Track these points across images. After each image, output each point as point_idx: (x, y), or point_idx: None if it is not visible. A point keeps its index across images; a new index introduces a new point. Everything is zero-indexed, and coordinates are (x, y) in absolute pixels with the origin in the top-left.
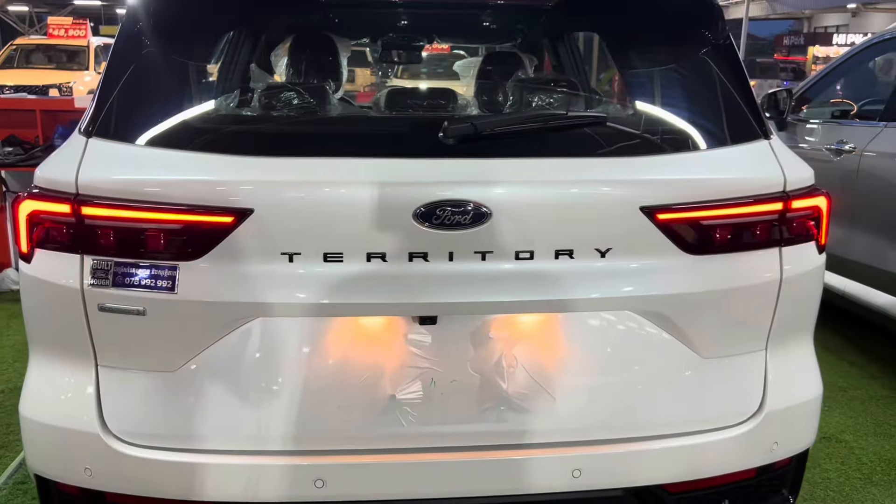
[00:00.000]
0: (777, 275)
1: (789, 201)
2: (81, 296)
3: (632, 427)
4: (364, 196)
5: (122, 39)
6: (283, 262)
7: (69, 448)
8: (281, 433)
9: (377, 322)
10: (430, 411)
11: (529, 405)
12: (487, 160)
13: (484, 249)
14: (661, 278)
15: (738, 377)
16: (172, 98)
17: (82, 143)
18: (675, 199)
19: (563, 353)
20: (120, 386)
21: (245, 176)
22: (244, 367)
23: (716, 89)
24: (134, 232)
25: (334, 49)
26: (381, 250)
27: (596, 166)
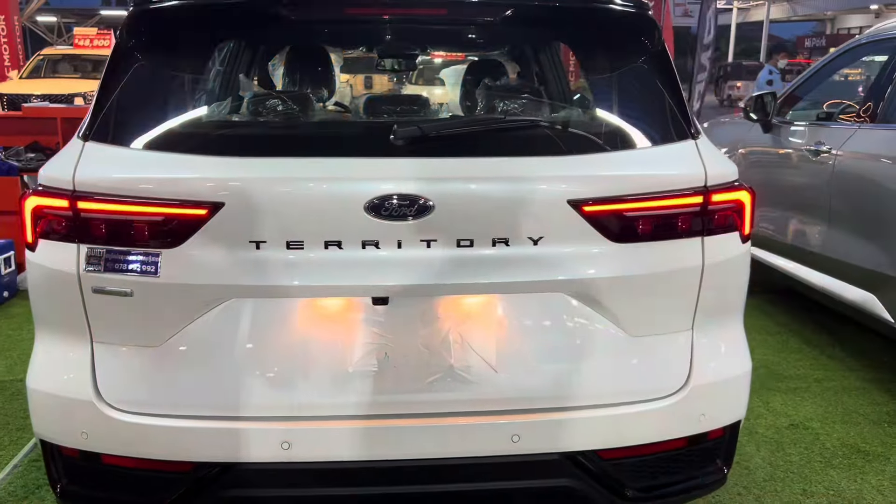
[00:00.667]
0: (699, 262)
1: (709, 195)
2: (78, 280)
3: (565, 398)
4: (321, 190)
5: (116, 53)
6: (252, 249)
7: (68, 414)
8: (251, 401)
9: (335, 303)
10: (383, 382)
11: (472, 377)
12: (432, 159)
13: (428, 238)
14: (589, 264)
15: (665, 354)
16: (159, 106)
17: (80, 147)
18: (599, 193)
19: (502, 330)
20: (112, 359)
21: (217, 174)
22: (219, 342)
23: (649, 94)
24: (122, 223)
25: (327, 59)
26: (337, 238)
27: (528, 164)
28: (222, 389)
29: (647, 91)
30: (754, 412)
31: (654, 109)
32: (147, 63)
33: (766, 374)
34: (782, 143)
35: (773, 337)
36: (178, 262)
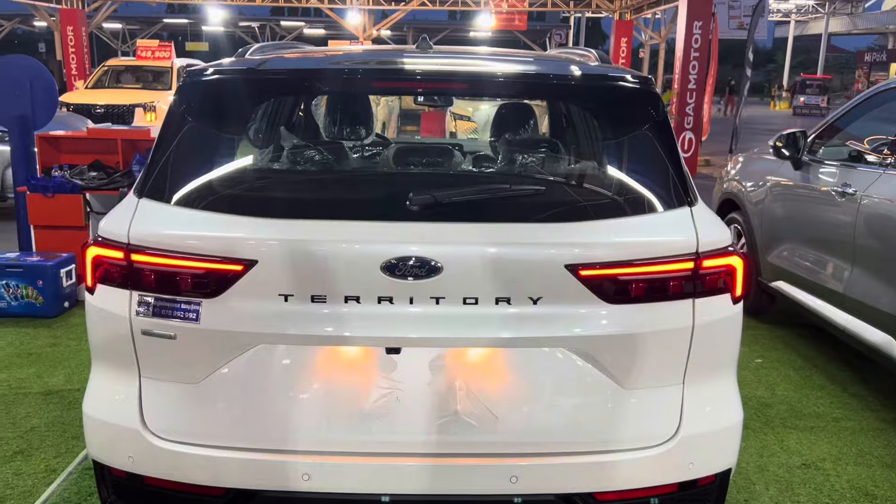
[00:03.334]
0: (689, 322)
1: (701, 260)
2: (129, 322)
3: (561, 443)
4: (343, 251)
5: (169, 117)
6: (280, 301)
7: (117, 439)
8: (276, 435)
9: (353, 351)
10: (395, 423)
11: (476, 421)
12: (442, 224)
13: (437, 296)
14: (585, 323)
15: (656, 405)
16: (206, 166)
17: (135, 203)
18: (594, 259)
19: (503, 380)
20: (156, 393)
21: (252, 234)
22: (249, 382)
23: (649, 162)
24: (169, 274)
25: (366, 102)
26: (356, 294)
27: (529, 230)
28: (251, 424)
29: (647, 160)
30: (768, 450)
31: (654, 178)
32: (196, 126)
33: (786, 411)
34: (811, 181)
35: (796, 372)
36: (216, 310)
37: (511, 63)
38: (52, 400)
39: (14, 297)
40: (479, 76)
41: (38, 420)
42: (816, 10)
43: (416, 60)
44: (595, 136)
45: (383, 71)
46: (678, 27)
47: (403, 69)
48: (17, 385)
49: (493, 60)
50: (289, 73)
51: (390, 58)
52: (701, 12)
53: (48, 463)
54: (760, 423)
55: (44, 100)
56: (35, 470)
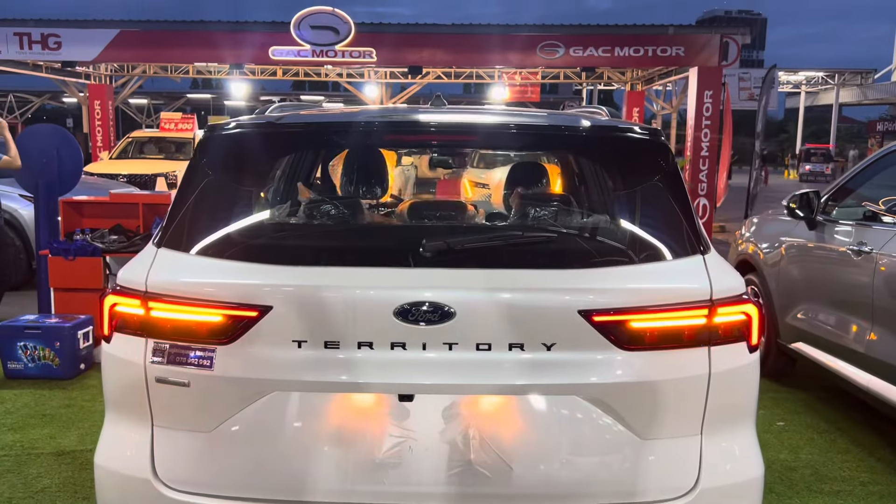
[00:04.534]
0: (706, 370)
1: (715, 308)
2: (144, 370)
3: (578, 496)
4: (355, 297)
5: (189, 171)
6: (294, 348)
7: (128, 490)
8: (288, 485)
9: (366, 398)
10: (407, 473)
11: (489, 472)
12: (455, 270)
13: (450, 341)
14: (599, 370)
15: (674, 457)
16: (223, 217)
17: (153, 253)
18: (607, 305)
19: (518, 429)
20: (169, 442)
21: (267, 280)
22: (261, 430)
23: (661, 212)
24: (185, 321)
25: (381, 159)
26: (369, 340)
27: (542, 276)
28: (262, 473)
29: (659, 209)
30: None
31: (666, 226)
32: (215, 179)
33: (811, 475)
34: (826, 241)
35: (820, 436)
36: (230, 357)
37: (523, 116)
38: (65, 461)
39: (31, 359)
40: (492, 127)
41: (49, 481)
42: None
43: (430, 115)
44: (606, 186)
45: (399, 123)
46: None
47: (419, 120)
48: (29, 446)
49: (505, 114)
50: (306, 125)
51: (406, 112)
52: (711, 82)
53: None
54: (784, 486)
55: (69, 167)
56: None
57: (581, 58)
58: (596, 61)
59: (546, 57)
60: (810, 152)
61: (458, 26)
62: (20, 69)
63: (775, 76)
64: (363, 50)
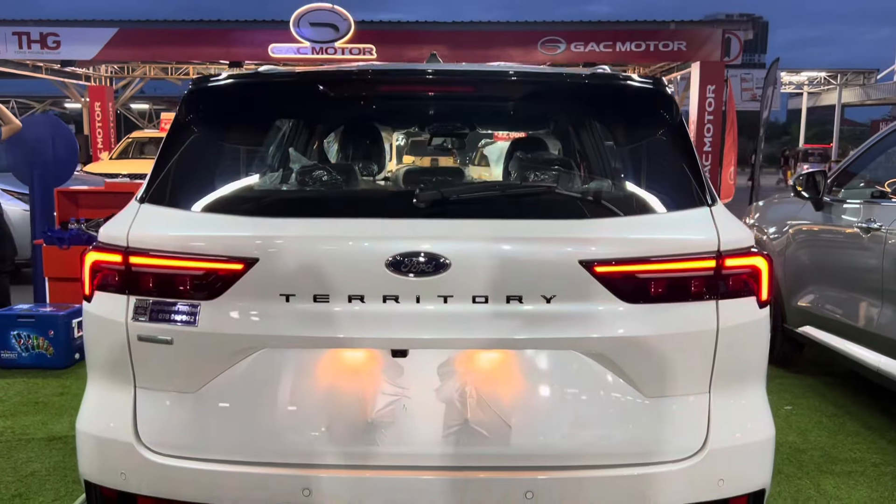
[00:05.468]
0: (714, 325)
1: (723, 259)
2: (126, 328)
3: (579, 456)
4: (345, 248)
5: (175, 126)
6: (281, 302)
7: (109, 455)
8: (276, 447)
9: (358, 354)
10: (401, 434)
11: (487, 431)
12: (450, 220)
13: (445, 294)
14: (601, 323)
15: (681, 416)
16: (210, 173)
17: (136, 208)
18: (610, 255)
19: (517, 386)
20: (151, 404)
21: (253, 231)
22: (249, 391)
23: (665, 163)
24: (168, 276)
25: (378, 136)
26: (360, 293)
27: (542, 226)
28: (249, 435)
29: (664, 161)
30: (804, 494)
31: (670, 178)
32: (201, 135)
33: (821, 456)
34: (833, 220)
35: (829, 419)
36: (215, 313)
37: (524, 67)
38: (56, 446)
39: (25, 348)
40: (492, 76)
41: (39, 465)
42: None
43: (426, 67)
44: (609, 138)
45: (393, 73)
46: (691, 91)
47: (414, 70)
48: (21, 432)
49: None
50: (294, 77)
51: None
52: (714, 77)
53: None
54: (794, 468)
55: (65, 156)
56: None
57: (582, 53)
58: (597, 57)
59: (547, 53)
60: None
61: (458, 23)
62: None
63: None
64: (363, 47)
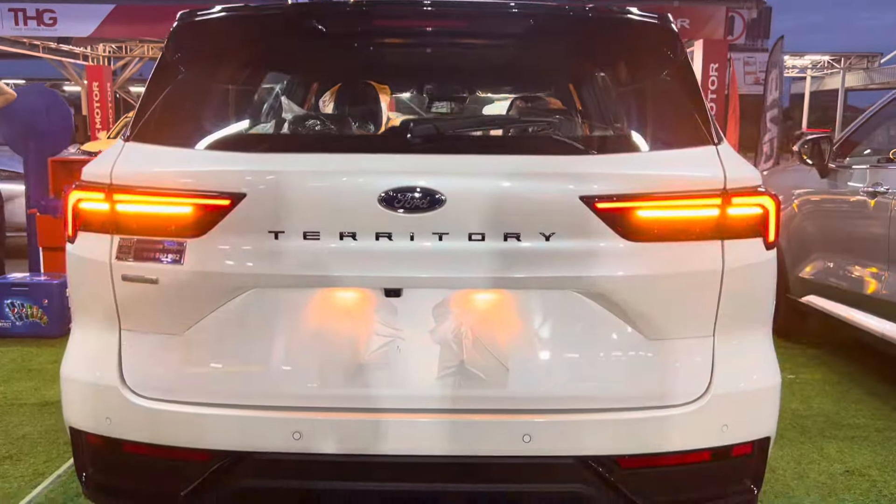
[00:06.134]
0: (719, 266)
1: (728, 198)
2: (110, 268)
3: (578, 399)
4: (336, 183)
5: (161, 64)
6: (270, 239)
7: (94, 400)
8: (266, 390)
9: (350, 294)
10: (394, 376)
11: (484, 374)
12: (446, 156)
13: (440, 231)
14: (602, 262)
15: (684, 359)
16: (196, 112)
17: (120, 147)
18: (611, 191)
19: (514, 327)
20: (137, 346)
21: (240, 166)
22: (237, 332)
23: (669, 102)
24: (152, 214)
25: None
26: (352, 230)
27: (541, 161)
28: (237, 378)
29: (667, 99)
30: (807, 458)
31: (675, 116)
32: (189, 73)
33: (824, 422)
34: (839, 186)
35: (833, 387)
36: (202, 251)
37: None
38: (48, 410)
39: (19, 317)
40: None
41: (30, 428)
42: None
43: None
44: (612, 75)
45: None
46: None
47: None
48: (13, 397)
49: None
50: (285, 9)
51: None
52: (717, 55)
53: (37, 467)
54: (796, 433)
55: (59, 127)
56: (22, 473)
57: None
58: None
59: None
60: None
61: None
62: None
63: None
64: None
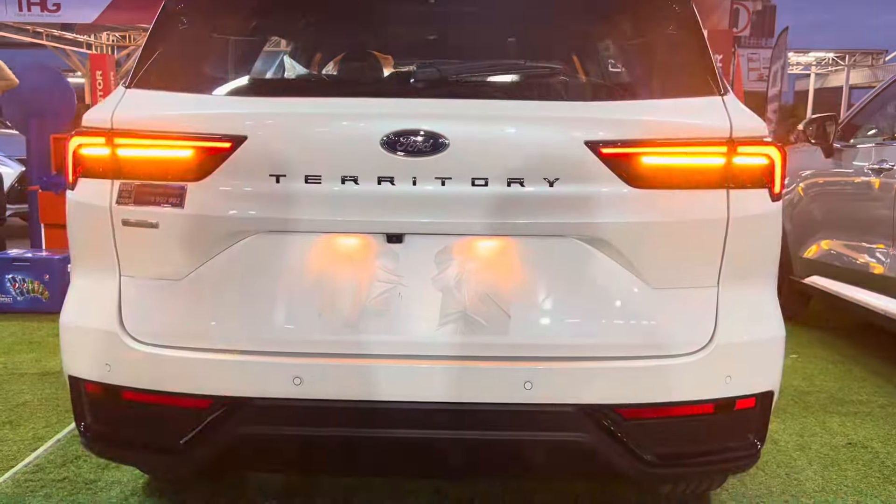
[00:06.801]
0: (724, 214)
1: (734, 146)
2: (110, 213)
3: (581, 347)
4: (338, 126)
5: (162, 13)
6: (271, 182)
7: (93, 346)
8: (266, 335)
9: (351, 240)
10: (396, 322)
11: (485, 321)
12: (450, 100)
13: (443, 176)
14: (606, 208)
15: (688, 309)
16: (198, 60)
17: (121, 93)
18: (616, 136)
19: (517, 274)
20: (136, 292)
21: (241, 109)
22: (238, 277)
23: (675, 52)
24: (153, 157)
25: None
26: (354, 174)
27: (546, 106)
28: (238, 323)
29: (673, 50)
30: (808, 430)
31: (680, 66)
32: (191, 24)
33: (827, 398)
34: (843, 165)
35: (835, 366)
36: (202, 194)
37: None
38: (49, 380)
39: (20, 292)
40: None
41: (30, 396)
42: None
43: None
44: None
45: None
46: None
47: None
48: (13, 367)
49: None
50: None
51: None
52: (721, 46)
53: (36, 432)
54: (799, 408)
55: (61, 104)
56: (21, 438)
57: None
58: None
59: None
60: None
61: None
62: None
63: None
64: None
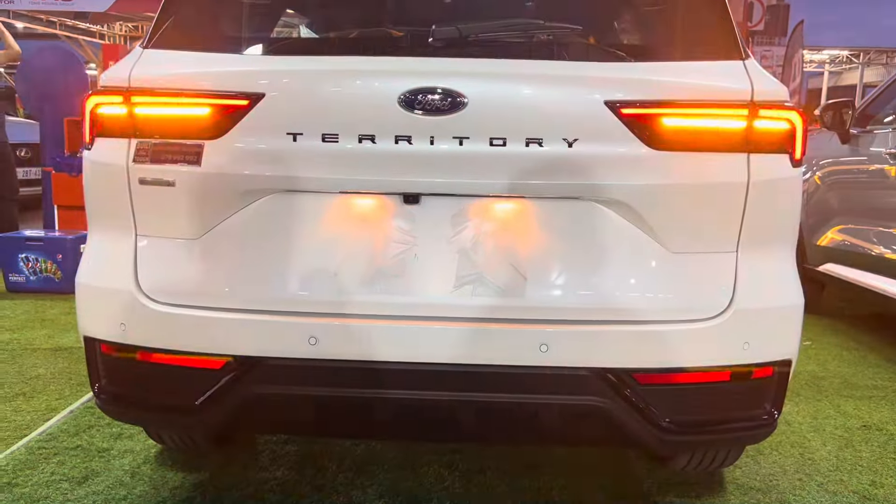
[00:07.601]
0: (744, 178)
1: (756, 109)
2: (126, 172)
3: (597, 310)
4: (356, 83)
5: None
6: (288, 141)
7: (109, 305)
8: (282, 295)
9: (368, 201)
10: (412, 283)
11: (501, 283)
12: (469, 59)
13: (461, 135)
14: (626, 169)
15: (706, 274)
16: (214, 23)
17: (139, 53)
18: (637, 96)
19: (534, 236)
20: (153, 251)
21: (257, 67)
22: (254, 236)
23: (697, 17)
24: (170, 115)
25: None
26: (371, 133)
27: (566, 66)
28: (254, 283)
29: (694, 12)
30: (823, 413)
31: (701, 29)
32: None
33: (841, 383)
34: (860, 151)
35: (849, 352)
36: (219, 152)
37: None
38: (62, 355)
39: (33, 272)
40: None
41: (44, 370)
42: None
43: None
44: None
45: None
46: None
47: None
48: (27, 343)
49: None
50: None
51: None
52: None
53: (49, 403)
54: (813, 391)
55: (75, 86)
56: (35, 408)
57: None
58: None
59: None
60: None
61: None
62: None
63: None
64: None
